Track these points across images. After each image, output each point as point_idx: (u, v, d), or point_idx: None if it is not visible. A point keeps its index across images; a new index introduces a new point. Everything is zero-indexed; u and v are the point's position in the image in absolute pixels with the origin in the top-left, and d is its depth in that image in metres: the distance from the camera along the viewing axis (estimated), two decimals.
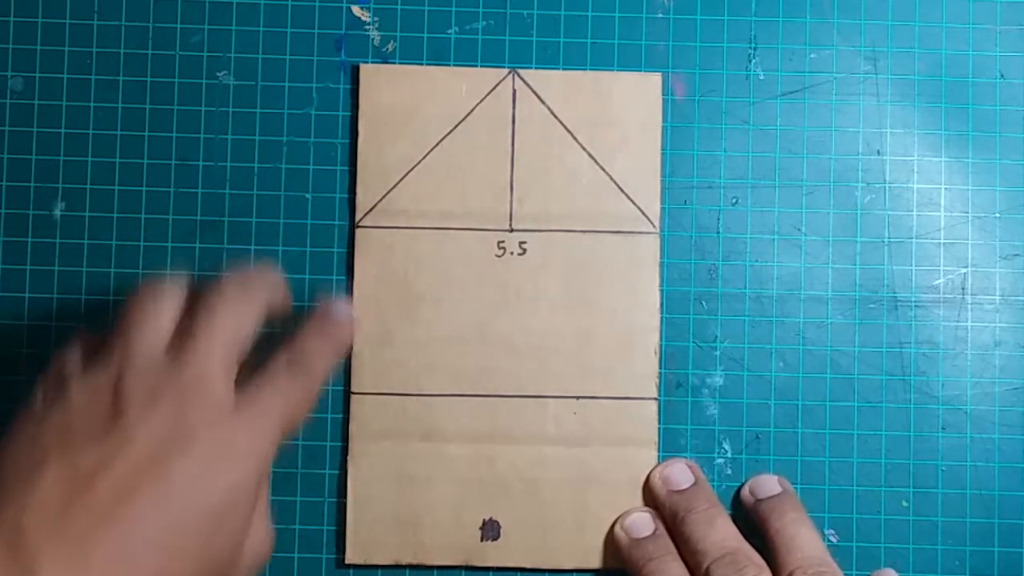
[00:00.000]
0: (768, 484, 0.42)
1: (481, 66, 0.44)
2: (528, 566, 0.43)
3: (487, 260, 0.43)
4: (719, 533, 0.40)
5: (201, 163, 0.44)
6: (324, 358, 0.38)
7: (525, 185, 0.44)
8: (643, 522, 0.42)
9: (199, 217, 0.44)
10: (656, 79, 0.44)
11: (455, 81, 0.44)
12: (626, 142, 0.44)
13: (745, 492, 0.42)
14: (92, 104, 0.44)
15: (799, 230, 0.44)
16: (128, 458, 0.32)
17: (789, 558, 0.39)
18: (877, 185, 0.44)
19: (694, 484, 0.42)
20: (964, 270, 0.44)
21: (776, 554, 0.40)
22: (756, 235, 0.44)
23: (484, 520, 0.43)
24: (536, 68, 0.44)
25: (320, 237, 0.44)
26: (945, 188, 0.44)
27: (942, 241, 0.44)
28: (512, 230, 0.44)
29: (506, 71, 0.44)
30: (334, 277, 0.44)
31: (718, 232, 0.44)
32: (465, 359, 0.43)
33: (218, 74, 0.44)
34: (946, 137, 0.44)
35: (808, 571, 0.38)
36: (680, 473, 0.42)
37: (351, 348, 0.43)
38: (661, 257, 0.44)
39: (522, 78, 0.44)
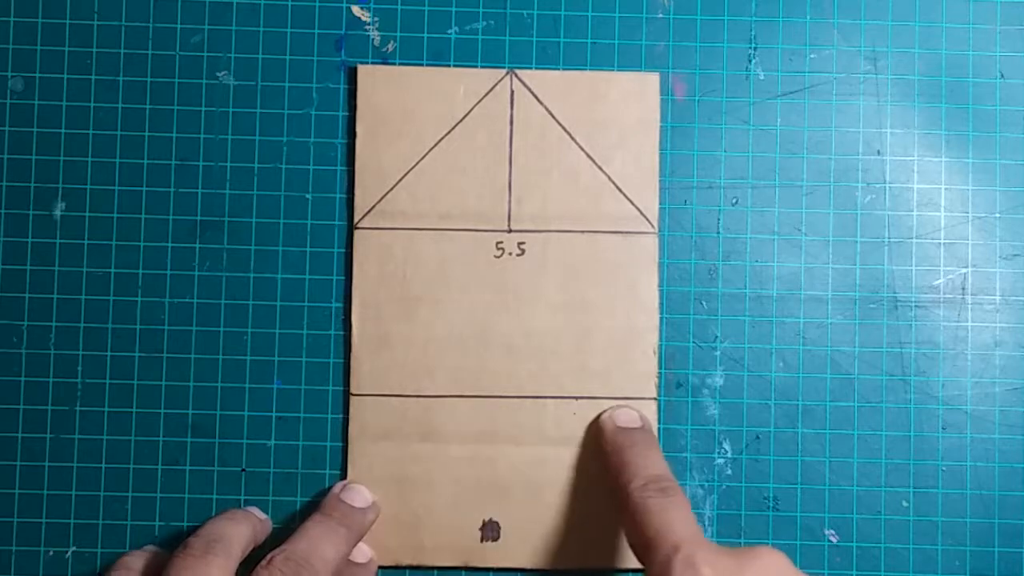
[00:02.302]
0: (630, 415, 0.42)
1: (481, 66, 0.44)
2: (528, 566, 0.43)
3: (486, 261, 0.43)
4: (651, 460, 0.40)
5: (201, 163, 0.44)
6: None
7: (523, 186, 0.44)
8: (631, 416, 0.42)
9: (199, 217, 0.44)
10: (654, 79, 0.44)
11: (453, 82, 0.44)
12: (624, 142, 0.44)
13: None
14: (92, 104, 0.44)
15: (799, 230, 0.44)
16: None
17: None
18: (877, 185, 0.44)
19: (640, 427, 0.42)
20: (964, 270, 0.44)
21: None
22: (756, 235, 0.44)
23: (484, 521, 0.43)
24: (535, 68, 0.44)
25: (320, 237, 0.44)
26: (945, 188, 0.44)
27: (942, 241, 0.44)
28: (510, 231, 0.43)
29: (504, 71, 0.44)
30: (334, 277, 0.44)
31: (718, 232, 0.44)
32: (464, 360, 0.43)
33: (218, 74, 0.44)
34: (946, 137, 0.44)
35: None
36: (629, 415, 0.42)
37: (350, 350, 0.43)
38: (661, 257, 0.44)
39: (520, 79, 0.44)
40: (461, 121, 0.44)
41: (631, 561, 0.43)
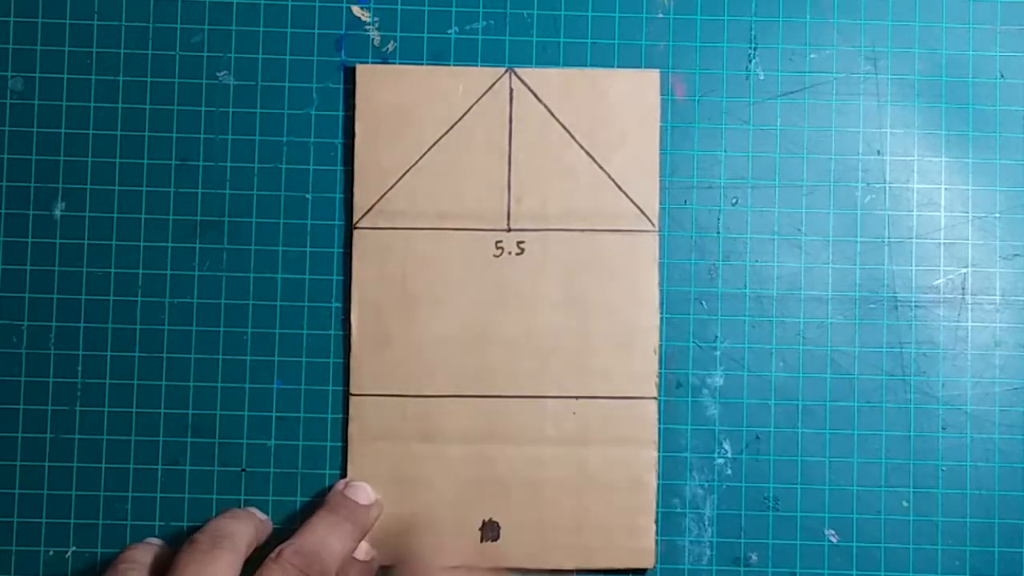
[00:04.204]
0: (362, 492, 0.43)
1: (480, 66, 0.44)
2: (528, 567, 0.43)
3: (485, 260, 0.43)
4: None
5: (201, 163, 0.44)
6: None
7: (523, 184, 0.44)
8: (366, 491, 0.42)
9: (199, 217, 0.44)
10: (654, 76, 0.44)
11: (452, 81, 0.44)
12: (624, 139, 0.44)
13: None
14: (92, 104, 0.44)
15: (799, 230, 0.44)
16: None
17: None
18: (877, 185, 0.44)
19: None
20: (964, 270, 0.44)
21: None
22: (756, 235, 0.44)
23: (484, 521, 0.43)
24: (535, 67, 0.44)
25: (320, 237, 0.44)
26: (945, 188, 0.44)
27: (942, 241, 0.44)
28: (510, 230, 0.43)
29: (503, 70, 0.44)
30: (334, 277, 0.44)
31: (718, 232, 0.44)
32: (464, 360, 0.43)
33: (218, 74, 0.44)
34: (946, 137, 0.44)
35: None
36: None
37: (350, 350, 0.43)
38: (661, 257, 0.44)
39: (519, 77, 0.44)
40: (460, 120, 0.44)
41: (631, 561, 0.43)
